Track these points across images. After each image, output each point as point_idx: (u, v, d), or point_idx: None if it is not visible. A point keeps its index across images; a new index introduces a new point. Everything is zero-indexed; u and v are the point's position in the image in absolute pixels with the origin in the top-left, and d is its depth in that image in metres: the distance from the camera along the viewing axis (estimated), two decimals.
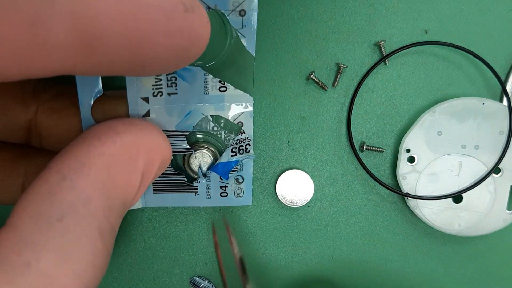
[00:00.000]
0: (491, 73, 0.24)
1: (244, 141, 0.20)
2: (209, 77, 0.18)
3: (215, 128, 0.20)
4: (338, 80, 0.25)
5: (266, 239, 0.27)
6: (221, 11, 0.17)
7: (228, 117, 0.20)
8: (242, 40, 0.18)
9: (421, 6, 0.24)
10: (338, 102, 0.25)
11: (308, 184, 0.26)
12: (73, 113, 0.18)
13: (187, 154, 0.20)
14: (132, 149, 0.15)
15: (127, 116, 0.18)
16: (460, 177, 0.25)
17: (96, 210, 0.14)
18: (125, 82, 0.18)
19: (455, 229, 0.25)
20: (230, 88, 0.19)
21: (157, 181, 0.21)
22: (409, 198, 0.25)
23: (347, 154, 0.26)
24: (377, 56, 0.25)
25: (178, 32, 0.12)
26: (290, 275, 0.27)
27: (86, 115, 0.18)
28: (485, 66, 0.24)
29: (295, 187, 0.26)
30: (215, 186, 0.21)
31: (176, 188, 0.21)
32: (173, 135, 0.19)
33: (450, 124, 0.24)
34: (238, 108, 0.20)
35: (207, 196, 0.21)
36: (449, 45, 0.24)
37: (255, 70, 0.19)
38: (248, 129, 0.20)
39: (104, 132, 0.15)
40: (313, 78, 0.24)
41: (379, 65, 0.25)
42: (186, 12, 0.12)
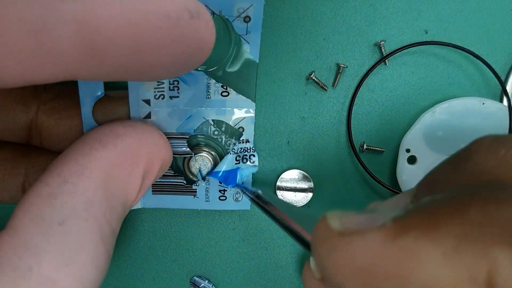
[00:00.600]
0: (491, 73, 0.24)
1: (249, 150, 0.21)
2: (212, 81, 0.18)
3: (216, 132, 0.20)
4: (338, 80, 0.25)
5: (266, 239, 0.27)
6: (226, 17, 0.17)
7: (229, 122, 0.20)
8: (246, 46, 0.18)
9: (421, 6, 0.24)
10: (338, 102, 0.25)
11: (308, 184, 0.26)
12: (74, 113, 0.18)
13: (187, 157, 0.20)
14: (133, 152, 0.15)
15: (128, 116, 0.18)
16: None
17: (97, 213, 0.14)
18: (127, 83, 0.18)
19: None
20: (232, 93, 0.19)
21: (156, 182, 0.21)
22: None
23: (347, 154, 0.26)
24: (377, 56, 0.25)
25: (183, 39, 0.12)
26: (290, 275, 0.27)
27: (87, 115, 0.18)
28: (485, 66, 0.24)
29: (295, 187, 0.26)
30: (214, 189, 0.21)
31: (175, 190, 0.21)
32: (174, 137, 0.19)
33: (450, 124, 0.25)
34: (239, 113, 0.20)
35: (206, 199, 0.21)
36: (449, 45, 0.24)
37: (257, 74, 0.19)
38: (249, 134, 0.20)
39: (105, 135, 0.15)
40: (313, 78, 0.24)
41: (379, 65, 0.25)
42: (191, 18, 0.12)
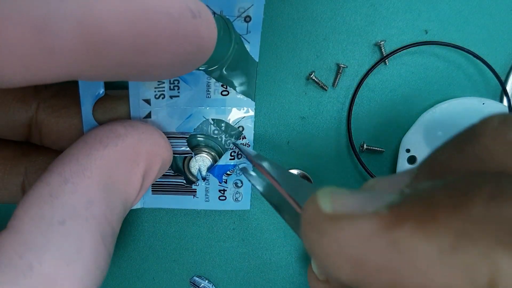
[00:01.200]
0: (491, 73, 0.24)
1: (244, 146, 0.21)
2: (212, 80, 0.18)
3: (216, 132, 0.20)
4: (338, 80, 0.25)
5: (266, 239, 0.27)
6: (227, 17, 0.17)
7: (229, 121, 0.20)
8: (246, 45, 0.18)
9: (421, 6, 0.24)
10: (338, 102, 0.25)
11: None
12: (74, 111, 0.18)
13: (187, 157, 0.21)
14: (133, 151, 0.16)
15: (128, 116, 0.18)
16: None
17: (97, 213, 0.14)
18: (127, 83, 0.18)
19: None
20: (232, 92, 0.19)
21: (156, 182, 0.21)
22: None
23: (347, 154, 0.26)
24: (377, 56, 0.25)
25: (185, 38, 0.12)
26: (290, 275, 0.27)
27: (87, 114, 0.18)
28: (485, 66, 0.24)
29: None
30: (214, 189, 0.21)
31: (175, 190, 0.21)
32: (174, 137, 0.19)
33: (450, 124, 0.25)
34: (239, 112, 0.20)
35: (206, 199, 0.21)
36: (449, 45, 0.24)
37: (257, 73, 0.19)
38: (248, 133, 0.20)
39: (106, 135, 0.15)
40: (313, 78, 0.24)
41: (379, 65, 0.25)
42: (193, 18, 0.12)
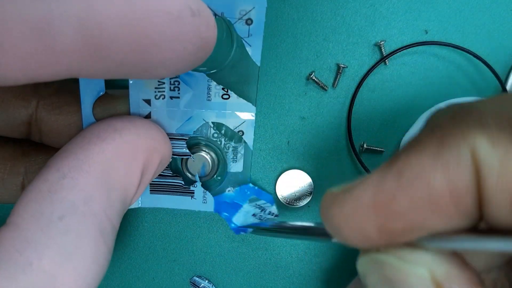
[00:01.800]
0: (491, 73, 0.24)
1: (272, 214, 0.21)
2: (212, 83, 0.18)
3: (216, 135, 0.20)
4: (338, 80, 0.25)
5: (266, 239, 0.27)
6: (228, 19, 0.17)
7: (229, 125, 0.20)
8: (248, 49, 0.18)
9: (421, 6, 0.24)
10: (338, 102, 0.25)
11: (308, 184, 0.26)
12: (73, 109, 0.18)
13: (186, 157, 0.20)
14: (131, 146, 0.15)
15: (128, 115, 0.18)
16: None
17: (96, 208, 0.14)
18: (128, 82, 0.18)
19: None
20: (233, 96, 0.19)
21: (154, 182, 0.21)
22: None
23: (347, 154, 0.26)
24: (377, 56, 0.25)
25: (185, 36, 0.12)
26: (290, 275, 0.27)
27: (87, 113, 0.18)
28: (485, 66, 0.24)
29: (295, 187, 0.26)
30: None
31: (173, 190, 0.21)
32: (173, 138, 0.19)
33: None
34: (239, 116, 0.20)
35: (203, 201, 0.21)
36: (449, 45, 0.24)
37: (259, 77, 0.19)
38: (248, 138, 0.20)
39: (104, 130, 0.15)
40: (313, 78, 0.24)
41: (379, 65, 0.25)
42: (193, 16, 0.12)
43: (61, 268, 0.13)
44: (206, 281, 0.27)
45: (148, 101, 0.18)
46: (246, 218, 0.21)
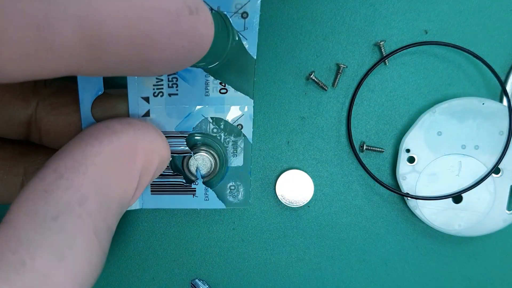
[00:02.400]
0: (491, 73, 0.24)
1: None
2: (210, 78, 0.18)
3: (215, 130, 0.20)
4: (338, 80, 0.25)
5: (266, 239, 0.27)
6: (224, 13, 0.17)
7: (228, 119, 0.20)
8: (244, 42, 0.18)
9: (421, 6, 0.24)
10: (338, 102, 0.25)
11: (308, 184, 0.26)
12: (73, 109, 0.18)
13: (186, 156, 0.20)
14: (129, 149, 0.15)
15: (127, 114, 0.18)
16: (460, 177, 0.25)
17: (92, 209, 0.14)
18: (126, 82, 0.18)
19: (455, 229, 0.25)
20: (231, 90, 0.19)
21: (155, 182, 0.21)
22: (409, 198, 0.25)
23: (347, 154, 0.26)
24: (377, 56, 0.25)
25: (183, 35, 0.12)
26: (290, 275, 0.27)
27: (86, 113, 0.18)
28: (485, 66, 0.24)
29: (295, 187, 0.26)
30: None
31: (174, 189, 0.21)
32: (173, 136, 0.19)
33: (450, 124, 0.24)
34: (238, 110, 0.20)
35: (205, 198, 0.21)
36: (449, 45, 0.24)
37: (255, 71, 0.19)
38: (247, 131, 0.20)
39: (102, 132, 0.15)
40: (313, 78, 0.24)
41: (379, 65, 0.25)
42: (191, 14, 0.12)
43: (54, 268, 0.13)
44: (207, 286, 0.27)
45: (146, 99, 0.18)
46: None
